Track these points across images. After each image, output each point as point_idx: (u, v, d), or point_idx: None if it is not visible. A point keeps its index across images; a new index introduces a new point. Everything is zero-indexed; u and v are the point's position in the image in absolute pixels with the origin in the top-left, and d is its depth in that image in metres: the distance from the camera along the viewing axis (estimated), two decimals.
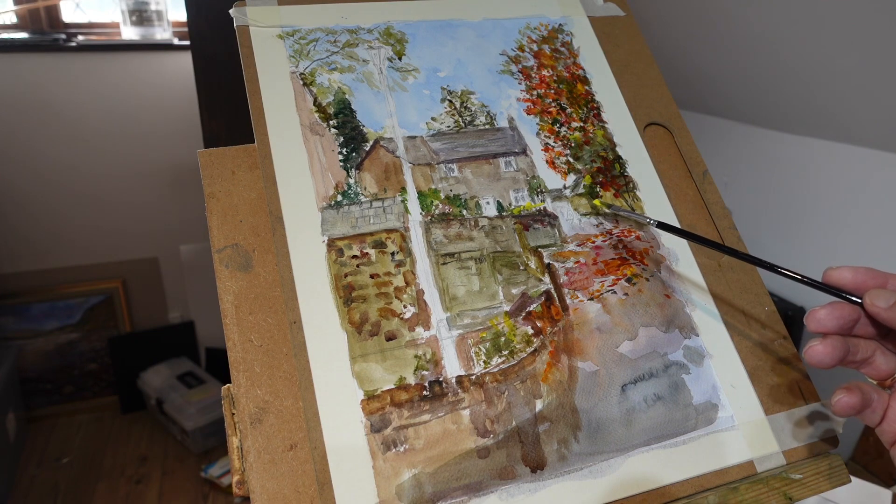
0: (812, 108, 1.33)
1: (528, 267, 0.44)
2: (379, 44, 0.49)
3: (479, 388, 0.39)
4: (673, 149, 0.52)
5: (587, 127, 0.50)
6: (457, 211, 0.45)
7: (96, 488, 1.89)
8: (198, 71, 1.31)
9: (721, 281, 0.47)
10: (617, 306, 0.44)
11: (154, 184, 2.16)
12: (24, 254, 2.10)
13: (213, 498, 1.87)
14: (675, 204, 0.49)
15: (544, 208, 0.46)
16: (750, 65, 1.38)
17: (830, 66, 1.18)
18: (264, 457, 0.35)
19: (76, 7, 2.07)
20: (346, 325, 0.39)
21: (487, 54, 0.51)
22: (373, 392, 0.38)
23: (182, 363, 2.24)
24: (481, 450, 0.38)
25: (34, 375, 2.15)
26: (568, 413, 0.40)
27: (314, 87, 0.46)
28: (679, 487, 0.39)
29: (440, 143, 0.47)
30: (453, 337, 0.41)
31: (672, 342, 0.43)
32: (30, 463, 1.98)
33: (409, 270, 0.42)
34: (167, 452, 2.04)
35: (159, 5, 2.05)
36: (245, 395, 0.37)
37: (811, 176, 1.41)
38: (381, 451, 0.37)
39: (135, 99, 2.06)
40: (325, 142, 0.45)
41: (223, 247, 0.40)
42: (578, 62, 0.53)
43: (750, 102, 1.49)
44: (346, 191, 0.43)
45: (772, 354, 0.45)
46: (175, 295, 2.31)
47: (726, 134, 1.61)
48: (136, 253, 2.23)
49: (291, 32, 0.48)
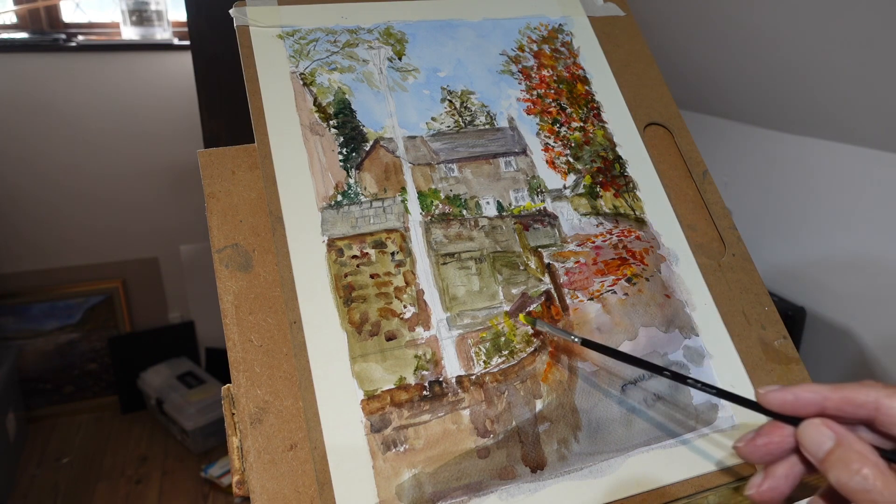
0: (812, 108, 1.33)
1: (528, 267, 0.44)
2: (379, 44, 0.49)
3: (479, 388, 0.39)
4: (673, 149, 0.52)
5: (587, 127, 0.50)
6: (457, 211, 0.45)
7: (96, 488, 1.89)
8: (198, 71, 1.31)
9: (721, 281, 0.47)
10: (617, 306, 0.44)
11: (154, 184, 2.15)
12: (24, 254, 2.10)
13: (213, 498, 1.87)
14: (675, 204, 0.49)
15: (544, 208, 0.46)
16: (750, 65, 1.38)
17: (830, 66, 1.18)
18: (264, 457, 0.35)
19: (76, 7, 2.07)
20: (346, 325, 0.39)
21: (487, 54, 0.51)
22: (373, 392, 0.38)
23: (182, 363, 2.24)
24: (481, 450, 0.38)
25: (34, 375, 2.15)
26: (568, 413, 0.40)
27: (314, 87, 0.46)
28: (679, 487, 0.39)
29: (440, 143, 0.47)
30: (453, 337, 0.41)
31: (672, 342, 0.43)
32: (30, 463, 1.98)
33: (409, 270, 0.42)
34: (167, 452, 2.04)
35: (159, 5, 2.05)
36: (245, 395, 0.37)
37: (811, 176, 1.41)
38: (381, 451, 0.37)
39: (135, 99, 2.06)
40: (325, 142, 0.45)
41: (223, 247, 0.40)
42: (578, 62, 0.53)
43: (750, 102, 1.49)
44: (346, 191, 0.43)
45: (772, 354, 0.45)
46: (175, 295, 2.30)
47: (726, 134, 1.61)
48: (136, 253, 2.22)
49: (291, 32, 0.48)
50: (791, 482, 0.32)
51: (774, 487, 0.32)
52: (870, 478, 0.27)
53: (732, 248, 0.48)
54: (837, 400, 0.31)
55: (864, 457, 0.28)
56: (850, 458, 0.28)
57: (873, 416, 0.31)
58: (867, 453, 0.28)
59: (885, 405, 0.30)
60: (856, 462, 0.28)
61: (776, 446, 0.32)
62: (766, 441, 0.32)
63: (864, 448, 0.29)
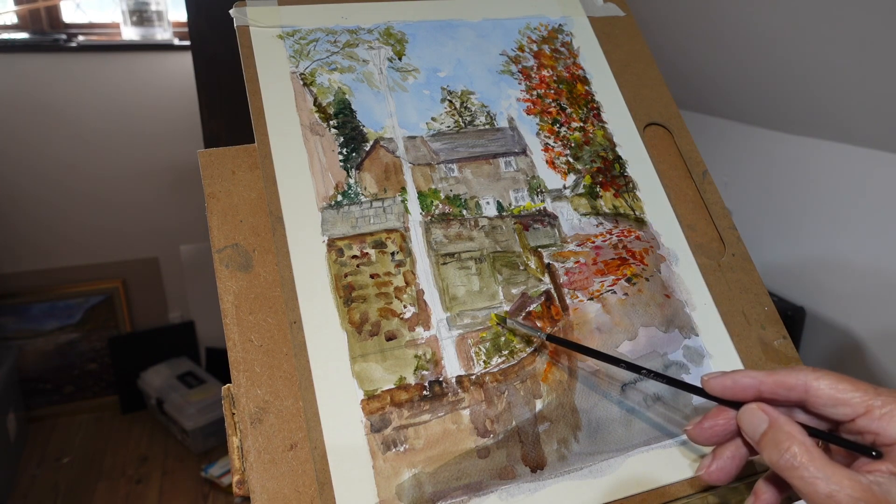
0: (812, 108, 1.33)
1: (528, 267, 0.44)
2: (379, 44, 0.49)
3: (479, 388, 0.39)
4: (673, 149, 0.52)
5: (587, 127, 0.50)
6: (457, 211, 0.45)
7: (96, 488, 1.89)
8: (198, 71, 1.31)
9: (721, 281, 0.47)
10: (617, 306, 0.44)
11: (154, 184, 2.16)
12: (24, 254, 2.10)
13: (213, 498, 1.87)
14: (675, 204, 0.49)
15: (544, 208, 0.46)
16: (750, 65, 1.38)
17: (830, 66, 1.18)
18: (264, 457, 0.35)
19: (76, 7, 2.07)
20: (346, 325, 0.39)
21: (487, 54, 0.51)
22: (373, 392, 0.38)
23: (182, 363, 2.24)
24: (481, 450, 0.38)
25: (34, 375, 2.15)
26: (568, 413, 0.40)
27: (314, 87, 0.46)
28: (679, 487, 0.39)
29: (440, 143, 0.47)
30: (453, 337, 0.41)
31: (672, 342, 0.43)
32: (30, 463, 1.98)
33: (409, 270, 0.42)
34: (167, 452, 2.04)
35: (159, 5, 2.05)
36: (245, 395, 0.37)
37: (811, 176, 1.41)
38: (381, 451, 0.37)
39: (135, 99, 2.06)
40: (325, 142, 0.45)
41: (223, 247, 0.40)
42: (578, 62, 0.53)
43: (750, 102, 1.49)
44: (346, 191, 0.43)
45: (771, 354, 0.45)
46: (175, 295, 2.30)
47: (726, 134, 1.61)
48: (136, 253, 2.22)
49: (291, 32, 0.48)
50: (737, 462, 0.34)
51: (722, 468, 0.34)
52: (797, 455, 0.29)
53: (732, 248, 0.48)
54: (771, 384, 0.33)
55: (793, 436, 0.30)
56: (779, 438, 0.30)
57: (804, 398, 0.33)
58: (796, 433, 0.30)
59: (814, 387, 0.32)
60: (785, 441, 0.30)
61: (721, 428, 0.35)
62: (712, 424, 0.35)
63: (794, 428, 0.31)
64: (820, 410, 0.32)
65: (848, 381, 0.32)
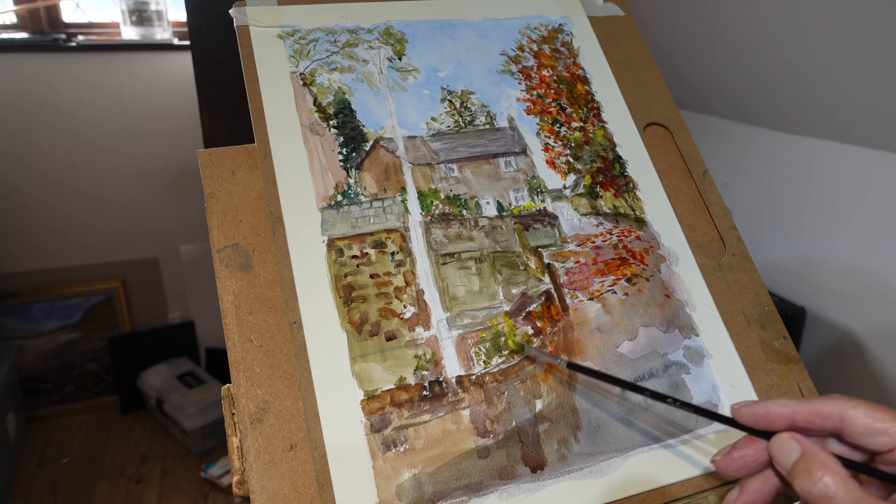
0: (812, 108, 1.33)
1: (528, 267, 0.44)
2: (379, 44, 0.49)
3: (479, 388, 0.39)
4: (673, 149, 0.52)
5: (587, 127, 0.50)
6: (457, 211, 0.45)
7: (96, 488, 1.89)
8: (198, 71, 1.31)
9: (721, 281, 0.47)
10: (617, 306, 0.44)
11: (154, 184, 2.15)
12: (24, 254, 2.10)
13: (213, 498, 1.87)
14: (675, 204, 0.49)
15: (544, 208, 0.46)
16: (750, 65, 1.38)
17: (830, 66, 1.18)
18: (264, 457, 0.35)
19: (76, 7, 2.07)
20: (346, 325, 0.39)
21: (487, 54, 0.51)
22: (373, 392, 0.38)
23: (182, 363, 2.24)
24: (481, 450, 0.38)
25: (34, 375, 2.15)
26: (568, 413, 0.40)
27: (314, 87, 0.46)
28: (679, 487, 0.39)
29: (440, 143, 0.47)
30: (453, 337, 0.41)
31: (672, 342, 0.43)
32: (30, 463, 1.98)
33: (409, 270, 0.42)
34: (167, 452, 2.04)
35: (159, 5, 2.05)
36: (245, 395, 0.37)
37: (811, 176, 1.41)
38: (381, 451, 0.37)
39: (135, 99, 2.06)
40: (325, 142, 0.45)
41: (223, 247, 0.40)
42: (578, 62, 0.53)
43: (750, 102, 1.49)
44: (346, 191, 0.43)
45: (772, 354, 0.45)
46: (175, 295, 2.30)
47: (726, 134, 1.61)
48: (136, 253, 2.22)
49: (291, 32, 0.48)
50: (765, 497, 0.33)
51: (749, 502, 0.33)
52: (830, 485, 0.28)
53: (732, 248, 0.48)
54: (806, 412, 0.32)
55: (826, 465, 0.29)
56: (812, 467, 0.29)
57: (840, 428, 0.31)
58: (829, 462, 0.29)
59: (850, 416, 0.31)
60: (818, 470, 0.29)
61: (752, 460, 0.33)
62: (742, 454, 0.33)
63: (827, 458, 0.30)
64: (856, 440, 0.31)
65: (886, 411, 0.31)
